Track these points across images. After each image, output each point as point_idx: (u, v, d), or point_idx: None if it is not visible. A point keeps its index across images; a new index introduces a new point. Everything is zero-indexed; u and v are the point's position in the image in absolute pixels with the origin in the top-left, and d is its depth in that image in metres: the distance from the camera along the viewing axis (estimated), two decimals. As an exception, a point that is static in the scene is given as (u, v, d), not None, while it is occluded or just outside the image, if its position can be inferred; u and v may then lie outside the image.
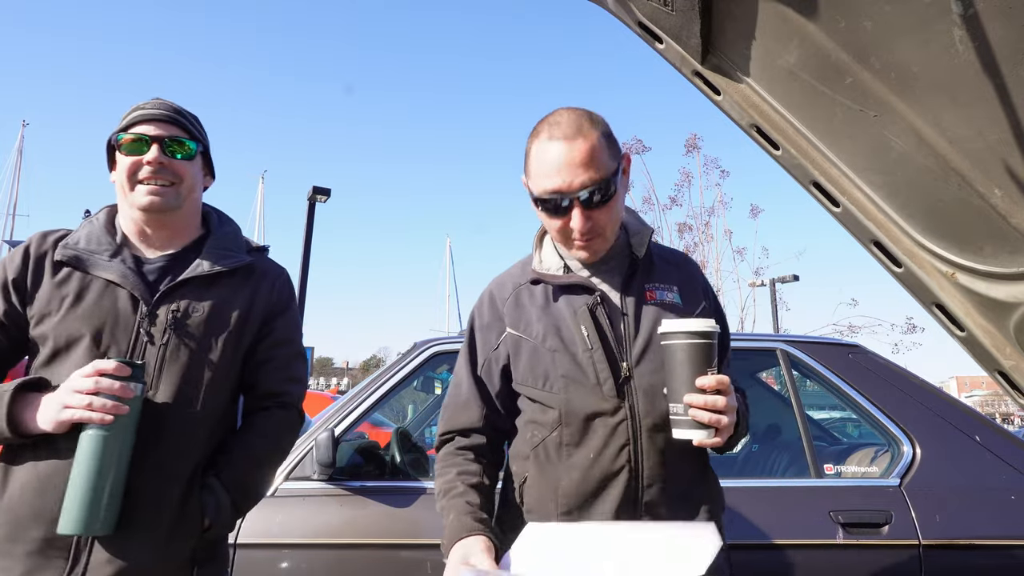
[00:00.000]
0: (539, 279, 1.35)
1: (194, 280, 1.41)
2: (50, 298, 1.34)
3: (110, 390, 1.22)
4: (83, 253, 1.38)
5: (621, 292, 1.32)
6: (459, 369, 1.41)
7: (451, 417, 1.38)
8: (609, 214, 1.26)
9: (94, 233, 1.42)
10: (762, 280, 16.45)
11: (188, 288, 1.41)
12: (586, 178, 1.20)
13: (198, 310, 1.40)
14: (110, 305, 1.35)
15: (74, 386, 1.23)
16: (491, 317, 1.38)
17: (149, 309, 1.36)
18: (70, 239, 1.40)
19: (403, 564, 2.13)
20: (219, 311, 1.42)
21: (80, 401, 1.21)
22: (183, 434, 1.35)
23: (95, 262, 1.38)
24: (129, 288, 1.36)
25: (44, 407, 1.25)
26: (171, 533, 1.32)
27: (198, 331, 1.39)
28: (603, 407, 1.24)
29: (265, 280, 1.52)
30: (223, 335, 1.42)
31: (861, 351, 2.57)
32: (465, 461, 1.32)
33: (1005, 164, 0.60)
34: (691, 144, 17.05)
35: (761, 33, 0.71)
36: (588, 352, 1.26)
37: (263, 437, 1.46)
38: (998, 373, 0.82)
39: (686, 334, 1.15)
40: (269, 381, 1.49)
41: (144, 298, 1.37)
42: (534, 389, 1.29)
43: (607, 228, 1.28)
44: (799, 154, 0.79)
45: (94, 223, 1.45)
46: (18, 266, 1.37)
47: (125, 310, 1.35)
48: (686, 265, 1.44)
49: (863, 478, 2.35)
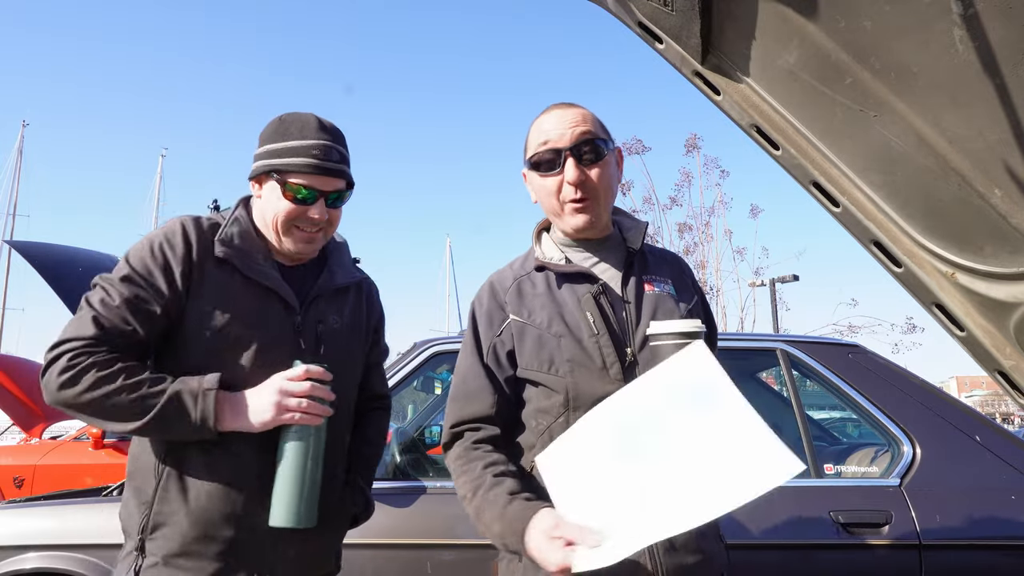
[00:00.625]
0: (543, 266, 1.37)
1: (327, 291, 1.46)
2: (215, 295, 1.32)
3: (319, 393, 1.30)
4: (240, 253, 1.36)
5: (621, 282, 1.35)
6: (464, 361, 1.38)
7: (460, 408, 1.33)
8: (601, 177, 1.30)
9: (245, 233, 1.39)
10: (762, 280, 16.46)
11: (323, 299, 1.45)
12: (579, 132, 1.29)
13: (336, 321, 1.46)
14: (271, 311, 1.36)
15: (287, 388, 1.27)
16: (493, 306, 1.38)
17: (300, 319, 1.39)
18: (224, 235, 1.36)
19: (403, 564, 2.13)
20: (351, 322, 1.50)
21: (297, 403, 1.27)
22: (338, 437, 1.44)
23: (251, 265, 1.36)
24: (285, 296, 1.38)
25: (253, 408, 1.27)
26: (335, 527, 1.46)
27: (340, 341, 1.45)
28: (610, 390, 1.24)
29: (372, 293, 1.62)
30: (358, 345, 1.52)
31: (861, 351, 2.57)
32: (485, 454, 1.27)
33: (1005, 164, 0.60)
34: (691, 144, 17.09)
35: (761, 33, 0.71)
36: (594, 337, 1.28)
37: (380, 437, 1.61)
38: (998, 373, 0.82)
39: (674, 335, 1.17)
40: (377, 384, 1.63)
41: (296, 307, 1.39)
42: (539, 373, 1.29)
43: (600, 193, 1.31)
44: (799, 154, 0.79)
45: (240, 221, 1.41)
46: (182, 255, 1.31)
47: (283, 317, 1.37)
48: (676, 262, 1.49)
49: (863, 478, 2.35)
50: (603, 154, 1.30)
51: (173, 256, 1.31)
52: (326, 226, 1.40)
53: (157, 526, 1.28)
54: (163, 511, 1.28)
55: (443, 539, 2.14)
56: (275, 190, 1.35)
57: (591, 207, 1.31)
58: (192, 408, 1.23)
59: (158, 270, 1.29)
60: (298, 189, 1.34)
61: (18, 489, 5.92)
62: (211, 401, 1.23)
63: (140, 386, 1.22)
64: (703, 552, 1.22)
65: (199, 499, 1.28)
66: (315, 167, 1.33)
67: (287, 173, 1.33)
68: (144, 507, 1.29)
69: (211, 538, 1.27)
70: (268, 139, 1.38)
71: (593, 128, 1.31)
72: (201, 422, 1.23)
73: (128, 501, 1.34)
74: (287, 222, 1.36)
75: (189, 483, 1.28)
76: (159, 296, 1.28)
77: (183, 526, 1.27)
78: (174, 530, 1.27)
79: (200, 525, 1.27)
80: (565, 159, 1.28)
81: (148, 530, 1.28)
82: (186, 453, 1.29)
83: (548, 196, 1.33)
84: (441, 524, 2.17)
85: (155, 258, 1.30)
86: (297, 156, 1.33)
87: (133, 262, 1.30)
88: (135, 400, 1.21)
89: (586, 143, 1.28)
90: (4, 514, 2.34)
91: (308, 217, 1.36)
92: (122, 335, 1.26)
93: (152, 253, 1.31)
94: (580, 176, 1.28)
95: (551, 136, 1.30)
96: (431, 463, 2.90)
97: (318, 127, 1.37)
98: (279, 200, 1.34)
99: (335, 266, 1.50)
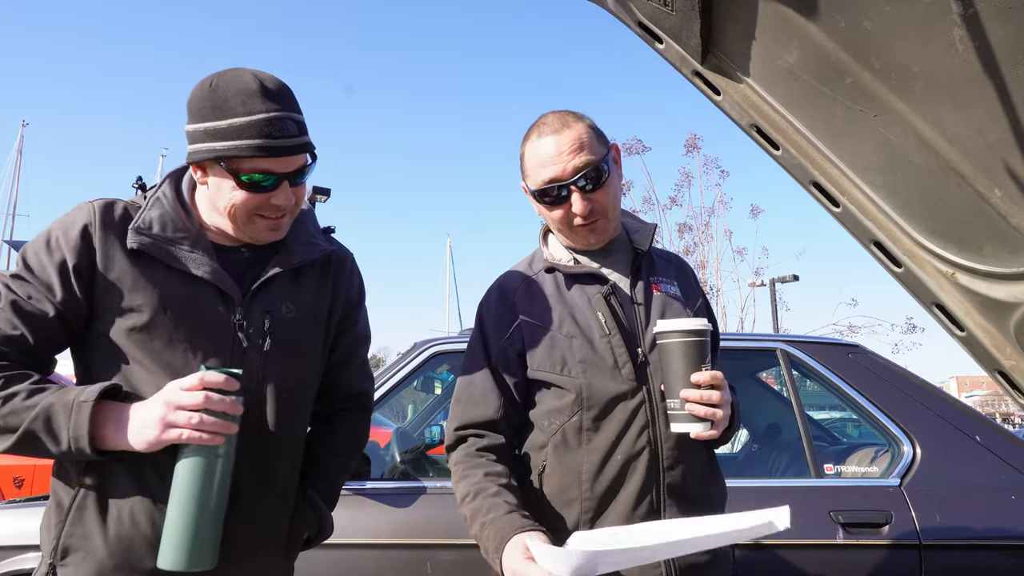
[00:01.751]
0: (553, 267, 1.38)
1: (281, 274, 1.24)
2: (127, 292, 1.12)
3: (220, 406, 1.06)
4: (161, 241, 1.15)
5: (630, 283, 1.36)
6: (470, 364, 1.37)
7: (464, 411, 1.32)
8: (606, 196, 1.31)
9: (167, 216, 1.18)
10: (762, 280, 16.47)
11: (276, 284, 1.23)
12: (579, 163, 1.28)
13: (291, 309, 1.23)
14: (201, 305, 1.16)
15: (177, 401, 1.05)
16: (502, 308, 1.38)
17: (243, 310, 1.19)
18: (141, 222, 1.15)
19: (403, 564, 2.13)
20: (311, 309, 1.27)
21: (187, 419, 1.04)
22: (289, 448, 1.24)
23: (176, 253, 1.15)
24: (221, 286, 1.17)
25: (136, 423, 1.06)
26: (286, 551, 1.27)
27: (294, 333, 1.24)
28: (623, 389, 1.27)
29: (344, 267, 1.36)
30: (318, 335, 1.29)
31: (861, 351, 2.57)
32: (489, 463, 1.27)
33: (1005, 164, 0.60)
34: (691, 144, 17.09)
35: (761, 33, 0.71)
36: (606, 337, 1.29)
37: (352, 445, 1.39)
38: (998, 373, 0.82)
39: (680, 332, 1.20)
40: (353, 381, 1.40)
41: (236, 297, 1.18)
42: (551, 374, 1.29)
43: (608, 209, 1.33)
44: (799, 154, 0.79)
45: (163, 202, 1.20)
46: (77, 247, 1.12)
47: (217, 311, 1.17)
48: (680, 264, 1.51)
49: (863, 478, 2.35)
50: (605, 176, 1.30)
51: (69, 250, 1.11)
52: (293, 206, 1.20)
53: (68, 550, 1.10)
54: (75, 533, 1.10)
55: (443, 539, 2.14)
56: (226, 180, 1.13)
57: (601, 225, 1.34)
58: (64, 426, 1.03)
59: (52, 267, 1.11)
60: (254, 176, 1.12)
61: (18, 489, 5.91)
62: (85, 416, 1.03)
63: (11, 398, 1.04)
64: (713, 551, 1.23)
65: (120, 523, 1.09)
66: (271, 148, 1.10)
67: (237, 159, 1.11)
68: (59, 526, 1.11)
69: (132, 569, 1.09)
70: (203, 114, 1.13)
71: (591, 152, 1.29)
72: (74, 441, 1.03)
73: (48, 514, 1.15)
74: (247, 213, 1.16)
75: (110, 501, 1.10)
76: (52, 296, 1.10)
77: (99, 554, 1.09)
78: (89, 557, 1.09)
79: (119, 553, 1.09)
80: (570, 192, 1.29)
81: (59, 555, 1.10)
82: (110, 467, 1.10)
83: (556, 222, 1.35)
84: (441, 524, 2.17)
85: (50, 253, 1.12)
86: (246, 137, 1.10)
87: (28, 258, 1.13)
88: (5, 415, 1.04)
89: (587, 173, 1.28)
90: (4, 514, 2.34)
91: (271, 205, 1.16)
92: (9, 342, 1.08)
93: (48, 247, 1.12)
94: (587, 206, 1.29)
95: (552, 170, 1.29)
96: (431, 463, 2.90)
97: (262, 94, 1.11)
98: (233, 191, 1.14)
99: (293, 242, 1.27)
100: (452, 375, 3.71)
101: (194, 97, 1.15)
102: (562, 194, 1.29)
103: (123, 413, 1.07)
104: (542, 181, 1.30)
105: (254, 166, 1.12)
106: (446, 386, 3.89)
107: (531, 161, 1.33)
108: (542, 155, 1.30)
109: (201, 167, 1.17)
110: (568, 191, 1.29)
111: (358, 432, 1.42)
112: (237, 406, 1.09)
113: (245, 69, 1.16)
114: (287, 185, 1.16)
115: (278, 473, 1.22)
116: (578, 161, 1.27)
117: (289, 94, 1.17)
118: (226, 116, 1.11)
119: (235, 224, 1.18)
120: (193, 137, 1.15)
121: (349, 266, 1.38)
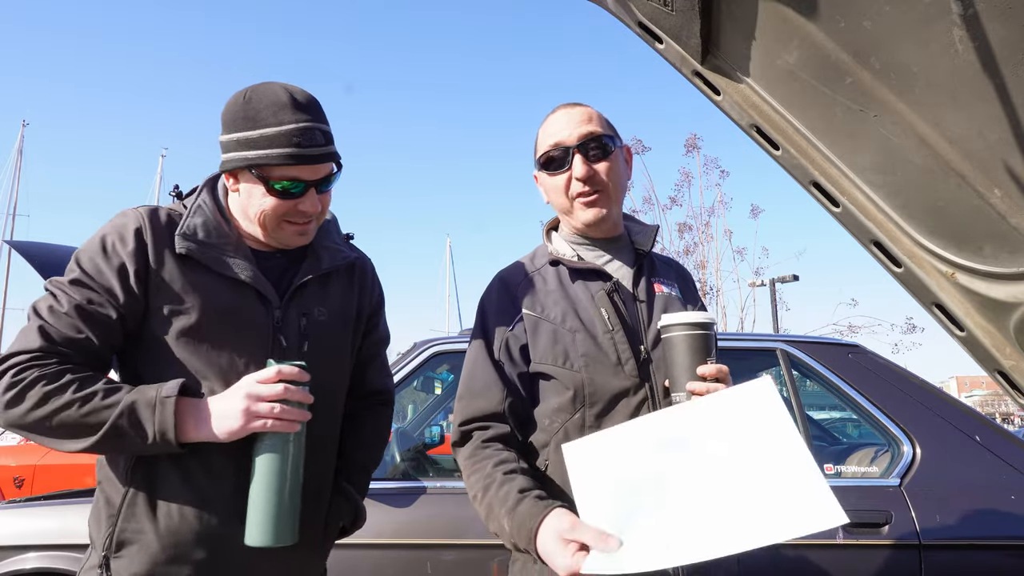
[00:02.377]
0: (557, 260, 1.38)
1: (312, 279, 1.32)
2: (180, 294, 1.19)
3: (295, 396, 1.16)
4: (206, 246, 1.22)
5: (632, 281, 1.37)
6: (473, 357, 1.36)
7: (468, 405, 1.31)
8: (608, 171, 1.33)
9: (210, 223, 1.25)
10: (762, 280, 16.44)
11: (308, 289, 1.31)
12: (585, 131, 1.31)
13: (323, 313, 1.32)
14: (244, 308, 1.23)
15: (257, 392, 1.13)
16: (504, 302, 1.37)
17: (281, 313, 1.26)
18: (186, 228, 1.22)
19: (403, 564, 2.13)
20: (340, 312, 1.36)
21: (268, 409, 1.13)
22: (327, 442, 1.33)
23: (219, 258, 1.23)
24: (261, 289, 1.24)
25: (217, 415, 1.14)
26: (320, 542, 1.34)
27: (327, 335, 1.32)
28: (625, 385, 1.26)
29: (366, 273, 1.46)
30: (348, 337, 1.38)
31: (861, 351, 2.57)
32: (495, 452, 1.25)
33: (1005, 164, 0.60)
34: (691, 144, 17.06)
35: (761, 33, 0.71)
36: (608, 333, 1.29)
37: (378, 439, 1.49)
38: (998, 373, 0.82)
39: (686, 325, 1.20)
40: (376, 379, 1.50)
41: (274, 300, 1.26)
42: (553, 367, 1.28)
43: (608, 185, 1.33)
44: (799, 154, 0.79)
45: (204, 209, 1.27)
46: (134, 251, 1.18)
47: (259, 314, 1.24)
48: (680, 269, 1.53)
49: (863, 478, 2.35)
50: (610, 150, 1.33)
51: (127, 254, 1.17)
52: (319, 213, 1.28)
53: (123, 544, 1.17)
54: (129, 528, 1.17)
55: (443, 539, 2.14)
56: (256, 186, 1.21)
57: (601, 200, 1.33)
58: (149, 420, 1.10)
59: (111, 271, 1.17)
60: (283, 183, 1.20)
61: (18, 489, 5.91)
62: (170, 411, 1.10)
63: (91, 398, 1.10)
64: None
65: (170, 517, 1.17)
66: (300, 157, 1.18)
67: (268, 167, 1.18)
68: (111, 520, 1.18)
69: (183, 560, 1.16)
70: (236, 125, 1.20)
71: (599, 125, 1.34)
72: (160, 435, 1.10)
73: (97, 509, 1.23)
74: (276, 219, 1.23)
75: (159, 497, 1.17)
76: (113, 299, 1.16)
77: (152, 547, 1.16)
78: (142, 550, 1.16)
79: (171, 546, 1.16)
80: (572, 156, 1.31)
81: (113, 547, 1.17)
82: (156, 464, 1.18)
83: (558, 194, 1.36)
84: (441, 524, 2.17)
85: (107, 258, 1.18)
86: (276, 147, 1.17)
87: (83, 263, 1.18)
88: (86, 414, 1.09)
89: (592, 140, 1.31)
90: (4, 514, 2.34)
91: (299, 211, 1.23)
92: (73, 345, 1.14)
93: (104, 252, 1.18)
94: (588, 171, 1.31)
95: (558, 135, 1.33)
96: (431, 463, 2.90)
97: (292, 106, 1.19)
98: (263, 197, 1.21)
99: (320, 248, 1.36)
100: (452, 375, 3.71)
101: (228, 109, 1.22)
102: (565, 158, 1.32)
103: (200, 407, 1.15)
104: (548, 146, 1.34)
105: (283, 174, 1.19)
106: (446, 386, 3.89)
107: (541, 136, 1.37)
108: (552, 128, 1.35)
109: (233, 175, 1.24)
110: (571, 154, 1.31)
111: (383, 426, 1.52)
112: (308, 395, 1.18)
113: (276, 83, 1.24)
114: (314, 192, 1.24)
115: (314, 471, 1.26)
116: (584, 129, 1.31)
117: (317, 106, 1.24)
118: (258, 127, 1.18)
119: (265, 230, 1.26)
120: (227, 147, 1.22)
121: (371, 273, 1.49)
